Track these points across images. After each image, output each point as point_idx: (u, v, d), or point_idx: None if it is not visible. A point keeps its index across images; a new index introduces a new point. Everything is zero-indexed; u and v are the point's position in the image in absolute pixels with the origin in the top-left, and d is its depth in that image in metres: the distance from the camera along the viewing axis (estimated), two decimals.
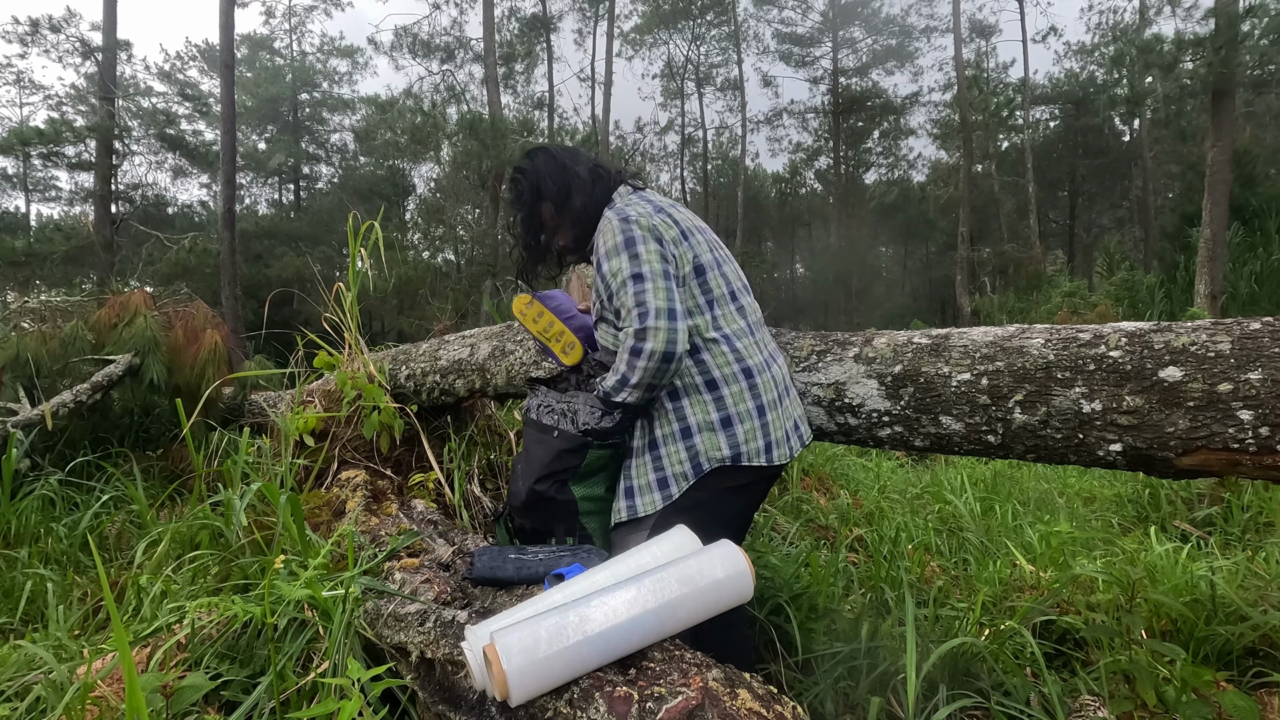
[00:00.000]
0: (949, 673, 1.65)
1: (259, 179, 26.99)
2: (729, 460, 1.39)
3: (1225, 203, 11.75)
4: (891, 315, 24.88)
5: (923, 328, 1.88)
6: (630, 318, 1.36)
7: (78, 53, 18.20)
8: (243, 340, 7.97)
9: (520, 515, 1.62)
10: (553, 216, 1.60)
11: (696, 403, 1.41)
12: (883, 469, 4.76)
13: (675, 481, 1.42)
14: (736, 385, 1.42)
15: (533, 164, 1.60)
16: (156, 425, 3.91)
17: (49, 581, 1.94)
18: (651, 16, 26.42)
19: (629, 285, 1.37)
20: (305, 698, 1.22)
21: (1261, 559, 2.41)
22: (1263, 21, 11.96)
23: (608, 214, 1.48)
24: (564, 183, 1.56)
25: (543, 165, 1.59)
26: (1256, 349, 1.09)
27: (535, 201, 1.59)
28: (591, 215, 1.56)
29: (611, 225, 1.44)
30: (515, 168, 1.64)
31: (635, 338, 1.34)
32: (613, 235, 1.42)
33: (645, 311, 1.34)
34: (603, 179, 1.57)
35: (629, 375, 1.36)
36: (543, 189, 1.57)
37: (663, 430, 1.44)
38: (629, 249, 1.39)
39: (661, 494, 1.42)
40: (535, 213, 1.60)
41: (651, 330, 1.32)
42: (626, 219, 1.43)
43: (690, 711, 0.85)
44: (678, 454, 1.42)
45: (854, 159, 29.66)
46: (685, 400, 1.42)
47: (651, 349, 1.32)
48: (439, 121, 17.66)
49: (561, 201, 1.57)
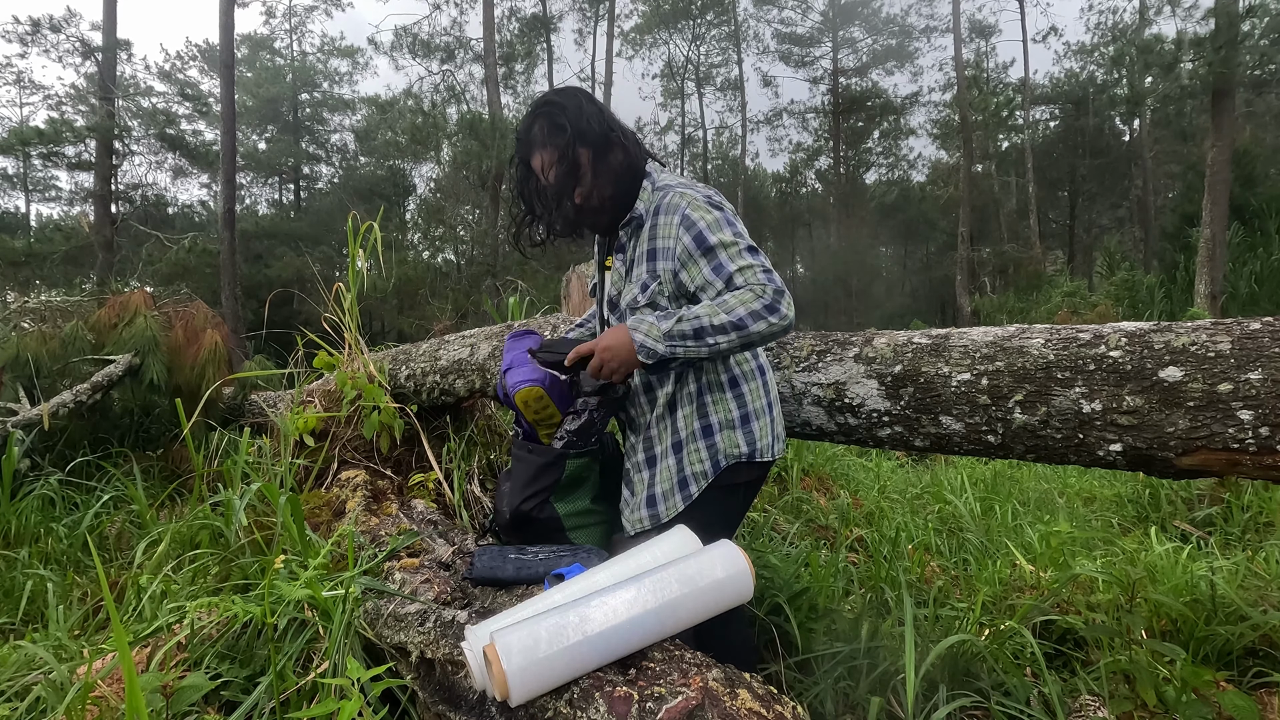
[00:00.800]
0: (949, 673, 1.65)
1: (259, 179, 27.00)
2: (745, 457, 1.39)
3: (1225, 203, 11.75)
4: (891, 315, 24.88)
5: (923, 328, 1.88)
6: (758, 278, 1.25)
7: (78, 53, 18.21)
8: (243, 340, 7.97)
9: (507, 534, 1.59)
10: (591, 164, 1.37)
11: (719, 401, 1.40)
12: (883, 469, 4.76)
13: (695, 481, 1.40)
14: (754, 382, 1.43)
15: (571, 99, 1.37)
16: (156, 425, 3.91)
17: (49, 581, 1.94)
18: (651, 16, 26.44)
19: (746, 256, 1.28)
20: (305, 698, 1.22)
21: (1261, 559, 2.41)
22: (1263, 21, 11.96)
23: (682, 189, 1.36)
24: (606, 130, 1.37)
25: (585, 104, 1.37)
26: (1256, 349, 1.09)
27: (575, 145, 1.34)
28: (630, 177, 1.40)
29: (697, 200, 1.33)
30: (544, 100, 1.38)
31: (773, 297, 1.24)
32: (708, 210, 1.32)
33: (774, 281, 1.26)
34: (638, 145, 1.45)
35: (749, 324, 1.23)
36: (586, 133, 1.34)
37: (685, 431, 1.41)
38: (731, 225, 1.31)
39: (682, 495, 1.41)
40: (569, 155, 1.34)
41: (786, 300, 1.26)
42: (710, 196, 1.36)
43: (690, 711, 0.85)
44: (698, 453, 1.40)
45: (854, 159, 29.67)
46: (708, 398, 1.40)
47: (785, 314, 1.25)
48: (439, 121, 17.66)
49: (602, 150, 1.37)
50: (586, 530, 1.55)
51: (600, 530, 1.58)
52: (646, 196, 1.41)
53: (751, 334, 1.25)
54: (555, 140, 1.35)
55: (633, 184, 1.41)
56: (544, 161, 1.38)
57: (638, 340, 1.29)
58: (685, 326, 1.26)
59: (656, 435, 1.45)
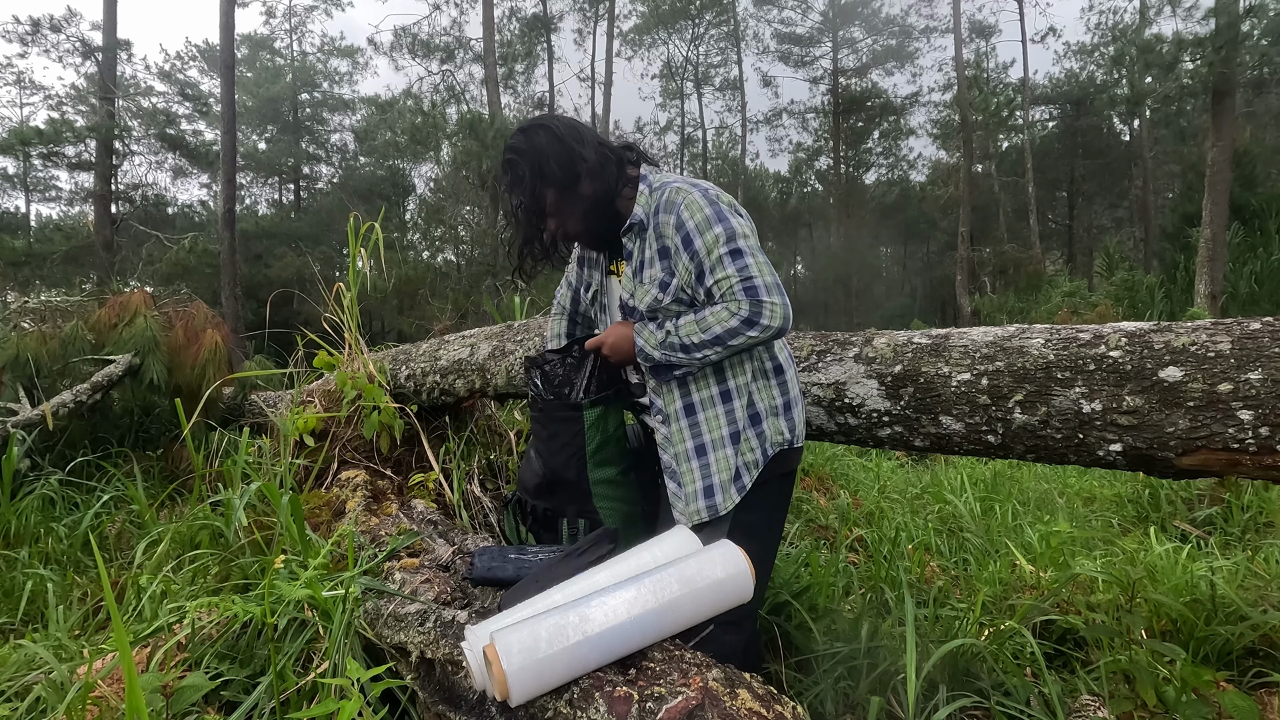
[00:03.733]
0: (949, 673, 1.65)
1: (259, 179, 27.00)
2: (787, 444, 1.42)
3: (1225, 203, 11.75)
4: (891, 315, 24.88)
5: (923, 328, 1.88)
6: (735, 291, 1.29)
7: (78, 53, 18.20)
8: (243, 340, 7.97)
9: (535, 497, 1.63)
10: (557, 203, 1.42)
11: (763, 388, 1.42)
12: (883, 469, 4.76)
13: (747, 471, 1.40)
14: (792, 370, 1.47)
15: (531, 143, 1.39)
16: (156, 425, 3.91)
17: (49, 581, 1.94)
18: (651, 17, 26.42)
19: (728, 260, 1.30)
20: (305, 698, 1.22)
21: (1261, 559, 2.41)
22: (1263, 21, 11.96)
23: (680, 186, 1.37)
24: (570, 166, 1.38)
25: (545, 144, 1.39)
26: (1256, 349, 1.09)
27: (537, 186, 1.39)
28: (603, 201, 1.43)
29: (693, 200, 1.34)
30: (510, 147, 1.42)
31: (751, 309, 1.28)
32: (700, 209, 1.33)
33: (754, 288, 1.29)
34: (610, 160, 1.44)
35: (728, 339, 1.30)
36: (546, 172, 1.38)
37: (741, 420, 1.40)
38: (721, 222, 1.32)
39: (736, 486, 1.40)
40: (538, 199, 1.40)
41: (769, 306, 1.28)
42: (706, 190, 1.37)
43: (690, 711, 0.85)
44: (748, 442, 1.40)
45: (854, 159, 29.66)
46: (757, 384, 1.42)
47: (767, 324, 1.28)
48: (439, 122, 17.65)
49: (568, 188, 1.40)
50: (611, 501, 1.57)
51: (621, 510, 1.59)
52: (645, 200, 1.42)
53: (735, 347, 1.32)
54: (517, 189, 1.41)
55: (607, 207, 1.44)
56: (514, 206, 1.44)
57: (638, 344, 1.42)
58: (674, 340, 1.36)
59: (705, 423, 1.41)
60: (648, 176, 1.46)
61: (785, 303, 1.30)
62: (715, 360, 1.36)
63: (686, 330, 1.34)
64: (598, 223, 1.46)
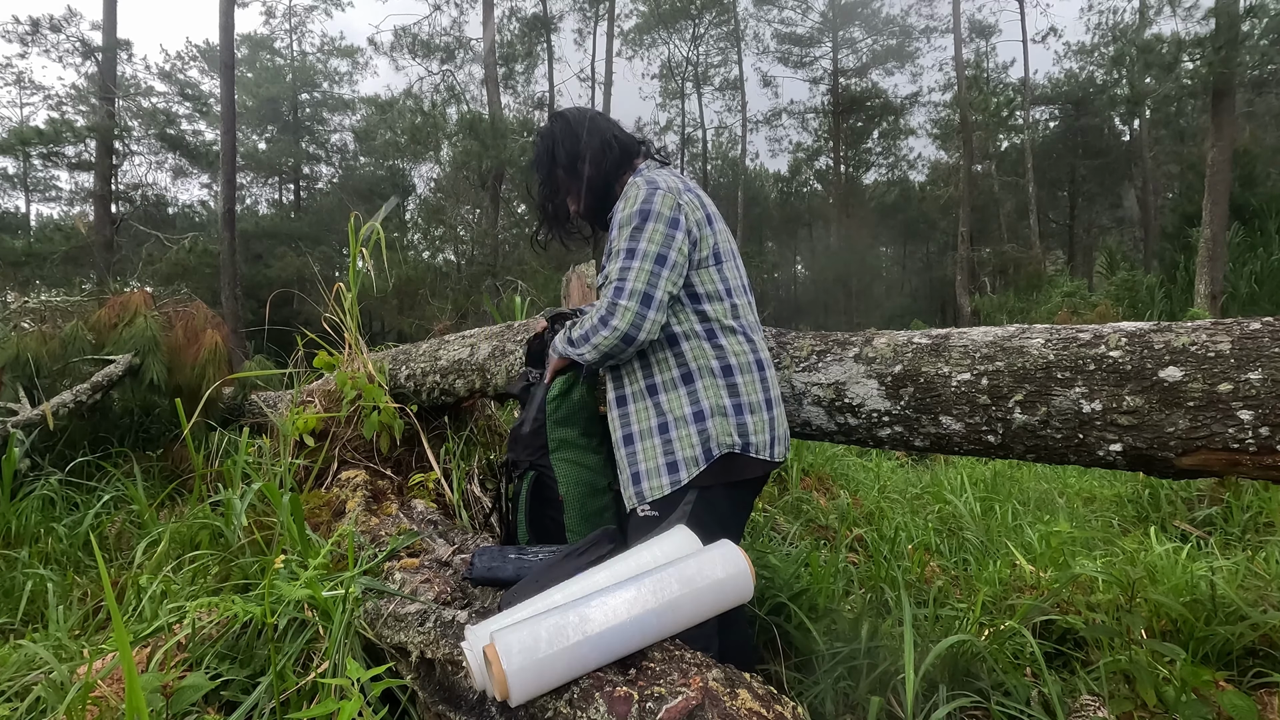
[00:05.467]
0: (949, 673, 1.65)
1: (259, 179, 27.00)
2: (738, 448, 1.38)
3: (1225, 203, 11.75)
4: (891, 315, 24.88)
5: (923, 328, 1.88)
6: (610, 287, 1.37)
7: (78, 53, 18.20)
8: (243, 340, 7.97)
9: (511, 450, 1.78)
10: (565, 182, 1.61)
11: (710, 386, 1.40)
12: (883, 469, 4.76)
13: (685, 466, 1.39)
14: (750, 375, 1.42)
15: (551, 128, 1.63)
16: (156, 425, 3.91)
17: (49, 581, 1.94)
18: (651, 16, 26.42)
19: (619, 258, 1.37)
20: (305, 698, 1.22)
21: (1261, 559, 2.41)
22: (1263, 21, 11.95)
23: (636, 180, 1.47)
24: (575, 150, 1.58)
25: (559, 131, 1.60)
26: (1256, 349, 1.09)
27: (550, 165, 1.61)
28: (599, 186, 1.57)
29: (638, 192, 1.42)
30: (536, 131, 1.69)
31: (606, 309, 1.36)
32: (634, 203, 1.40)
33: (621, 289, 1.34)
34: (612, 151, 1.57)
35: (590, 337, 1.39)
36: (556, 154, 1.60)
37: (674, 413, 1.40)
38: (640, 220, 1.38)
39: (670, 478, 1.39)
40: (550, 176, 1.62)
41: (621, 309, 1.33)
42: (655, 189, 1.41)
43: (690, 711, 0.85)
44: (689, 437, 1.39)
45: (854, 159, 29.65)
46: (699, 383, 1.40)
47: (615, 325, 1.34)
48: (439, 121, 17.65)
49: (571, 168, 1.59)
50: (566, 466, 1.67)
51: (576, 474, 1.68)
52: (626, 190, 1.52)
53: (596, 346, 1.38)
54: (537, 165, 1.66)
55: (604, 189, 1.58)
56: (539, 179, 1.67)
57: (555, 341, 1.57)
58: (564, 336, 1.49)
59: (635, 414, 1.46)
60: (642, 171, 1.54)
61: (641, 312, 1.33)
62: (593, 360, 1.41)
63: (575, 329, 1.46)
64: (595, 201, 1.60)
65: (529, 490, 1.70)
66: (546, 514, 1.71)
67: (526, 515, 1.70)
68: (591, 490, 1.69)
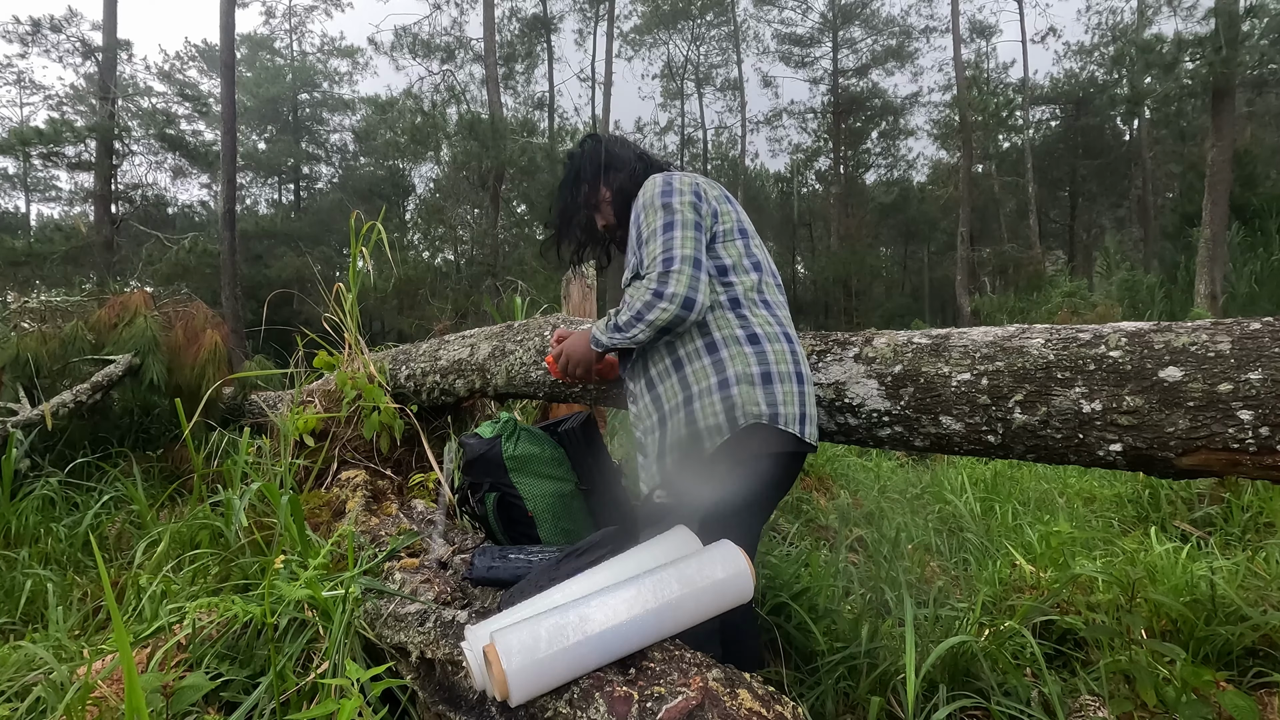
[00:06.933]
0: (949, 673, 1.65)
1: (259, 179, 27.00)
2: (766, 418, 1.31)
3: (1225, 203, 11.75)
4: (891, 315, 24.86)
5: (923, 328, 1.88)
6: (655, 264, 1.35)
7: (78, 53, 18.20)
8: (243, 340, 7.97)
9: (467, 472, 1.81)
10: (590, 196, 1.64)
11: (737, 354, 1.35)
12: (883, 469, 4.76)
13: (709, 435, 1.32)
14: (779, 345, 1.38)
15: (581, 148, 1.68)
16: (156, 425, 3.91)
17: (49, 582, 1.94)
18: (651, 17, 26.43)
19: (658, 235, 1.37)
20: (305, 698, 1.22)
21: (1261, 559, 2.41)
22: (1263, 21, 11.95)
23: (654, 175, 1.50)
24: (599, 165, 1.62)
25: (589, 149, 1.66)
26: (1257, 349, 1.09)
27: (574, 183, 1.65)
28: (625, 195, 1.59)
29: (652, 181, 1.45)
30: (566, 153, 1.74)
31: (659, 280, 1.33)
32: (653, 188, 1.43)
33: (671, 257, 1.33)
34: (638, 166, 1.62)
35: (645, 313, 1.34)
36: (582, 172, 1.64)
37: (699, 384, 1.35)
38: (664, 199, 1.40)
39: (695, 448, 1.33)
40: (574, 194, 1.65)
41: (675, 275, 1.32)
42: (669, 178, 1.45)
43: (690, 711, 0.85)
44: (712, 406, 1.32)
45: (853, 159, 29.65)
46: (724, 351, 1.36)
47: (673, 292, 1.31)
48: (439, 122, 17.65)
49: (600, 180, 1.62)
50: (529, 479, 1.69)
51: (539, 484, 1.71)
52: None
53: (653, 321, 1.33)
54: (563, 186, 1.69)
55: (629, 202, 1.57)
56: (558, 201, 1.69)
57: (592, 334, 1.47)
58: (614, 320, 1.41)
59: (664, 395, 1.40)
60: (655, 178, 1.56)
61: (695, 274, 1.32)
62: (647, 339, 1.37)
63: (621, 310, 1.41)
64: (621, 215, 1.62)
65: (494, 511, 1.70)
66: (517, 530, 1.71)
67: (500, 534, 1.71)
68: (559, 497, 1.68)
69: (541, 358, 2.07)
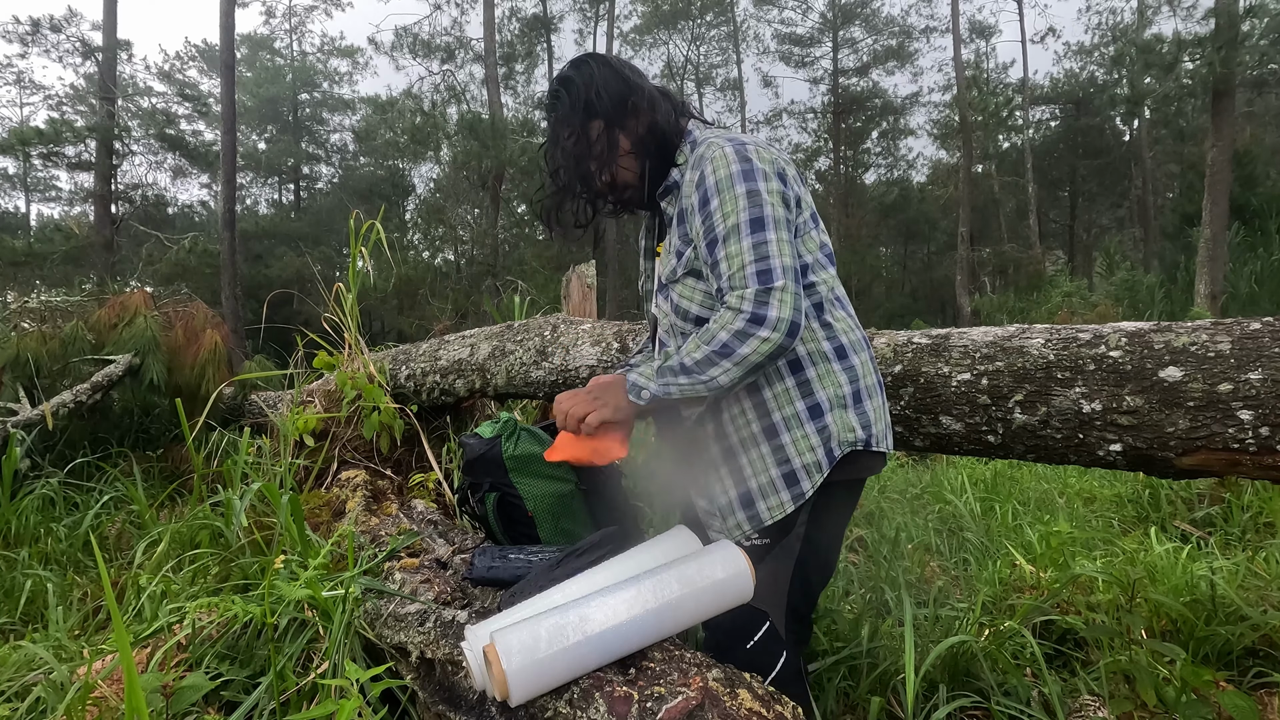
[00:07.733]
0: (949, 673, 1.65)
1: (259, 179, 27.01)
2: (860, 444, 1.14)
3: (1225, 203, 11.75)
4: (891, 315, 24.84)
5: (923, 328, 1.88)
6: (744, 275, 1.05)
7: (78, 53, 18.23)
8: (243, 340, 7.97)
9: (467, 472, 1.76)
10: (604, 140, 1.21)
11: (826, 374, 1.14)
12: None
13: (808, 474, 1.13)
14: (864, 354, 1.19)
15: (580, 73, 1.22)
16: (156, 425, 3.91)
17: (49, 582, 1.94)
18: (651, 17, 26.44)
19: (743, 234, 1.06)
20: (305, 698, 1.22)
21: (1261, 559, 2.41)
22: (1263, 21, 11.96)
23: (714, 140, 1.15)
24: (622, 97, 1.20)
25: (597, 74, 1.21)
26: (1256, 349, 1.09)
27: (584, 120, 1.20)
28: (661, 142, 1.22)
29: (723, 153, 1.11)
30: (556, 76, 1.25)
31: (755, 302, 1.03)
32: (725, 165, 1.10)
33: (769, 270, 1.04)
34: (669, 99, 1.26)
35: (735, 347, 1.04)
36: (594, 104, 1.19)
37: (783, 412, 1.14)
38: (747, 182, 1.08)
39: (791, 493, 1.14)
40: (582, 135, 1.21)
41: (778, 295, 1.03)
42: (743, 145, 1.12)
43: (690, 711, 0.85)
44: (806, 440, 1.13)
45: (853, 159, 29.66)
46: (812, 370, 1.14)
47: (778, 316, 1.02)
48: (439, 122, 17.65)
49: (620, 121, 1.21)
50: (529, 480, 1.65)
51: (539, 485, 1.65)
52: (684, 159, 1.22)
53: (746, 357, 1.05)
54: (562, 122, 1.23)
55: (662, 150, 1.23)
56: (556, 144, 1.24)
57: (630, 379, 1.16)
58: (674, 362, 1.11)
59: (731, 420, 1.19)
60: (693, 132, 1.24)
61: (798, 292, 1.05)
62: (730, 384, 1.08)
63: (689, 346, 1.10)
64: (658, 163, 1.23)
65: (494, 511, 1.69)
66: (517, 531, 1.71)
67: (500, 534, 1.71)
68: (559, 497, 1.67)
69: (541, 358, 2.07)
